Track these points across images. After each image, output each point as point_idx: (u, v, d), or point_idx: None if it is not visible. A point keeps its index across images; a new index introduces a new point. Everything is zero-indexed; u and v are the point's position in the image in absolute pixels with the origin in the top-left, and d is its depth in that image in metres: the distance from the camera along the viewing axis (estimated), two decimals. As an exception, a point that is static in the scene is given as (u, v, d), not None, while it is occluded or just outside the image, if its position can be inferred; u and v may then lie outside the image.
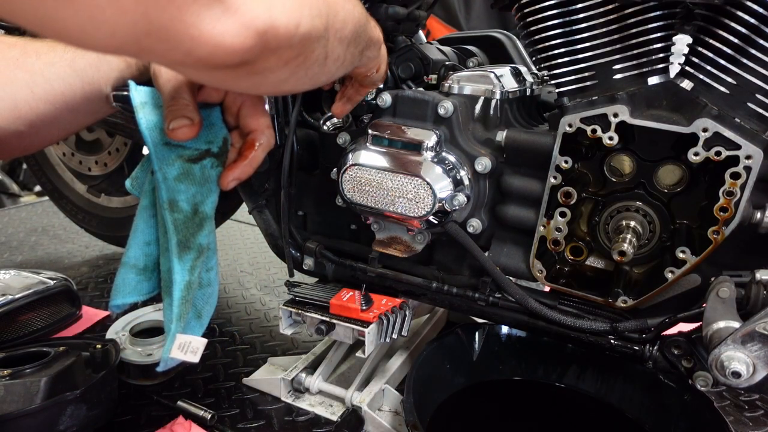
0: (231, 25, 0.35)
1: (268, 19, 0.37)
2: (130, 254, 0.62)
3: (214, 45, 0.35)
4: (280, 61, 0.41)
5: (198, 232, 0.58)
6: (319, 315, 0.86)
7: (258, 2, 0.36)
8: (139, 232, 0.62)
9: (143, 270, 0.62)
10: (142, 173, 0.64)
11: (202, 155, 0.57)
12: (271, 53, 0.39)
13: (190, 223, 0.57)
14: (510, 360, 0.92)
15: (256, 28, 0.36)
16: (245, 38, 0.36)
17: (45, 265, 1.55)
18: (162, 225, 0.59)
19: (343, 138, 0.87)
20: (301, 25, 0.40)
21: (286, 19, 0.38)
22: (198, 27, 0.34)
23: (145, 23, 0.32)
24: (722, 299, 0.62)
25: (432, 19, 2.27)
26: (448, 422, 0.85)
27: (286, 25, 0.38)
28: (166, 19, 0.32)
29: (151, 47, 0.34)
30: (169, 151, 0.57)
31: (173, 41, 0.34)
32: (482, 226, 0.81)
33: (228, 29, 0.35)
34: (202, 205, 0.58)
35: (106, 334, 1.05)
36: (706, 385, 0.70)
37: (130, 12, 0.31)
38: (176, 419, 0.87)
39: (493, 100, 0.79)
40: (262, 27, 0.37)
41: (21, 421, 0.75)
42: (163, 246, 0.59)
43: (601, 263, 0.79)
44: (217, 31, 0.35)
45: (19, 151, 0.70)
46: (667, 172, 0.72)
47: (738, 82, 0.63)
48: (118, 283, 0.62)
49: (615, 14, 0.66)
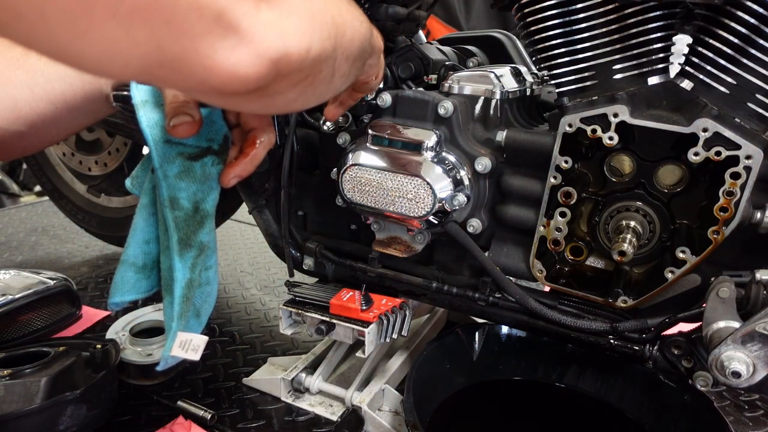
0: (245, 55, 0.35)
1: (281, 46, 0.37)
2: (130, 252, 0.62)
3: (228, 75, 0.35)
4: (291, 83, 0.41)
5: (199, 230, 0.58)
6: (319, 315, 0.86)
7: (271, 29, 0.36)
8: (138, 231, 0.62)
9: (142, 268, 0.63)
10: (143, 172, 0.64)
11: (203, 153, 0.57)
12: (283, 78, 0.39)
13: (191, 220, 0.57)
14: (510, 360, 0.92)
15: (270, 57, 0.36)
16: (260, 67, 0.36)
17: (45, 265, 1.55)
18: (162, 223, 0.59)
19: (343, 138, 0.87)
20: (312, 49, 0.40)
21: (298, 44, 0.38)
22: (212, 57, 0.34)
23: (158, 55, 0.32)
24: (722, 299, 0.62)
25: (432, 19, 2.27)
26: (448, 422, 0.85)
27: (299, 51, 0.38)
28: (180, 50, 0.32)
29: (165, 77, 0.34)
30: (169, 149, 0.57)
31: (187, 72, 0.34)
32: (482, 226, 0.81)
33: (242, 59, 0.35)
34: (203, 202, 0.58)
35: (106, 334, 1.05)
36: (706, 385, 0.70)
37: (143, 44, 0.31)
38: (176, 419, 0.87)
39: (493, 100, 0.79)
40: (276, 55, 0.36)
41: (21, 421, 0.75)
42: (164, 244, 0.60)
43: (601, 263, 0.79)
44: (231, 61, 0.34)
45: (20, 152, 0.70)
46: (667, 172, 0.72)
47: (738, 82, 0.63)
48: (117, 280, 0.62)
49: (615, 14, 0.66)
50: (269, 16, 0.35)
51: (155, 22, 0.30)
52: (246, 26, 0.34)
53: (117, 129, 1.27)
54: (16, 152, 0.69)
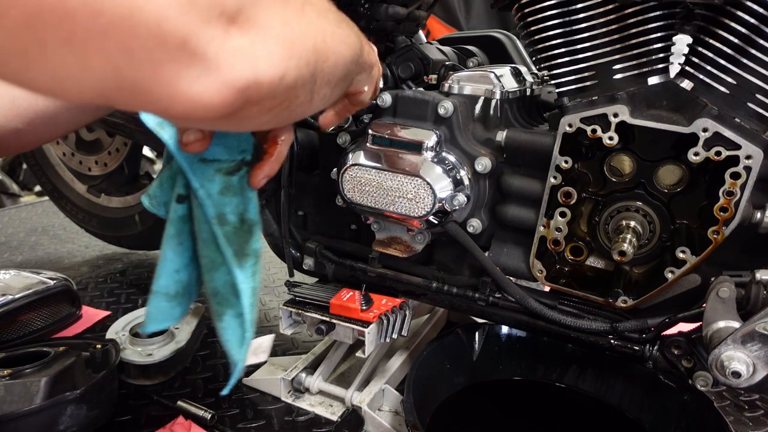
0: (211, 84, 0.33)
1: (251, 75, 0.34)
2: (161, 283, 0.63)
3: (191, 104, 0.33)
4: (263, 109, 0.39)
5: (250, 239, 0.59)
6: (319, 315, 0.86)
7: (241, 57, 0.33)
8: (168, 261, 0.62)
9: (174, 296, 0.63)
10: (161, 191, 0.64)
11: (239, 166, 0.58)
12: (253, 105, 0.37)
13: (241, 232, 0.58)
14: (510, 360, 0.92)
15: (238, 86, 0.34)
16: (226, 96, 0.34)
17: (45, 265, 1.55)
18: (210, 242, 0.59)
19: (343, 138, 0.87)
20: (287, 77, 0.37)
21: (270, 72, 0.36)
22: (174, 86, 0.32)
23: (115, 80, 0.30)
24: (722, 299, 0.62)
25: (432, 19, 2.27)
26: (448, 422, 0.85)
27: (270, 79, 0.36)
28: (140, 77, 0.31)
29: (123, 101, 0.32)
30: (206, 167, 0.57)
31: (147, 98, 0.32)
32: (482, 226, 0.81)
33: (207, 88, 0.33)
34: (247, 213, 0.59)
35: (106, 334, 1.05)
36: (706, 385, 0.70)
37: (98, 69, 0.29)
38: (176, 419, 0.87)
39: (493, 100, 0.79)
40: (245, 84, 0.34)
41: (21, 421, 0.75)
42: (215, 261, 0.60)
43: (601, 263, 0.79)
44: (194, 90, 0.32)
45: (17, 149, 0.69)
46: (667, 172, 0.72)
47: (738, 82, 0.63)
48: (152, 311, 0.63)
49: (615, 14, 0.66)
50: (240, 42, 0.33)
51: (112, 50, 0.29)
52: (213, 54, 0.32)
53: (117, 129, 1.26)
54: (13, 149, 0.69)
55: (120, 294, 1.35)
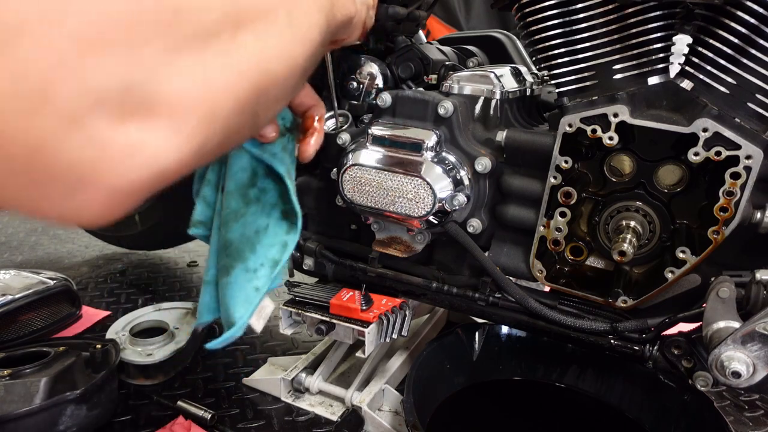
0: (88, 202, 0.27)
1: (146, 171, 0.28)
2: (212, 273, 0.65)
3: (81, 220, 0.28)
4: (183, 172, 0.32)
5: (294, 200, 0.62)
6: (319, 315, 0.86)
7: (130, 150, 0.27)
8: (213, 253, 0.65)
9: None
10: (208, 209, 0.65)
11: (283, 131, 0.60)
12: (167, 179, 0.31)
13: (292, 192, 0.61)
14: (510, 360, 0.92)
15: (128, 192, 0.28)
16: (118, 200, 0.28)
17: (45, 265, 1.55)
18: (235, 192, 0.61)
19: (343, 138, 0.87)
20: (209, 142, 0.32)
21: (180, 155, 0.29)
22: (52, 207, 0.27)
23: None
24: (722, 299, 0.62)
25: (432, 19, 2.27)
26: (448, 422, 0.85)
27: (181, 158, 0.30)
28: (18, 200, 0.26)
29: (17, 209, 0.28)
30: None
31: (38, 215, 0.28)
32: (482, 226, 0.81)
33: (85, 206, 0.27)
34: (292, 174, 0.62)
35: (106, 334, 1.05)
36: (706, 385, 0.70)
37: None
38: (176, 419, 0.87)
39: (493, 100, 0.79)
40: (138, 184, 0.28)
41: (21, 421, 0.75)
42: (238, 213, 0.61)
43: (601, 263, 0.79)
44: (69, 210, 0.27)
45: None
46: (667, 172, 0.72)
47: (738, 82, 0.63)
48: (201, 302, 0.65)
49: (615, 14, 0.66)
50: (132, 137, 0.27)
51: None
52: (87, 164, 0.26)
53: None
54: None
55: (120, 294, 1.36)
